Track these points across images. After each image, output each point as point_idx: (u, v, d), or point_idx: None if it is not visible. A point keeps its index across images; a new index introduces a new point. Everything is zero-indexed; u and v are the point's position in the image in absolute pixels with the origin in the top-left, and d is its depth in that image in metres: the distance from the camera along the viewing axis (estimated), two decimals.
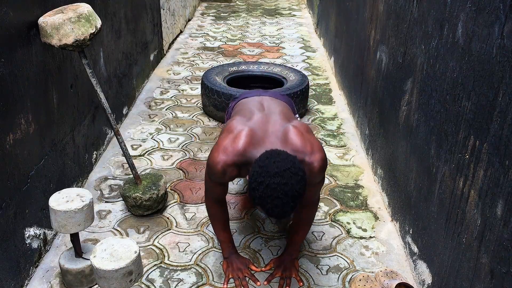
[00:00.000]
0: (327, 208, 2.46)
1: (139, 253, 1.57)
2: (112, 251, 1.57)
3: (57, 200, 1.80)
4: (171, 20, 5.08)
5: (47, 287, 1.92)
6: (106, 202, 2.46)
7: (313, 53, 5.04)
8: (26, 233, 1.92)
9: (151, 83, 4.10)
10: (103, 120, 2.88)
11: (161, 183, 2.37)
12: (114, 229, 2.27)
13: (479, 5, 1.50)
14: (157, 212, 2.38)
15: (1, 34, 1.73)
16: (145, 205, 2.29)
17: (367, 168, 2.86)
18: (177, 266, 2.05)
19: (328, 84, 4.18)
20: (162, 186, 2.35)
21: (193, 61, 4.73)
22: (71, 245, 1.96)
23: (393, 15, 2.49)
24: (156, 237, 2.22)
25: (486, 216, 1.42)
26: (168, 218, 2.36)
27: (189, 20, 6.25)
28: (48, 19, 1.97)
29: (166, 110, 3.58)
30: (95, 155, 2.78)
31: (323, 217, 2.38)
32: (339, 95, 3.94)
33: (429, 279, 1.86)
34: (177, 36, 5.46)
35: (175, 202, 2.49)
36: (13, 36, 1.82)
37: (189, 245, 2.18)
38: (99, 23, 2.10)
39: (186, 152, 2.98)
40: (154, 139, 3.13)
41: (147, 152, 2.97)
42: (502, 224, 1.32)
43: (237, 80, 3.69)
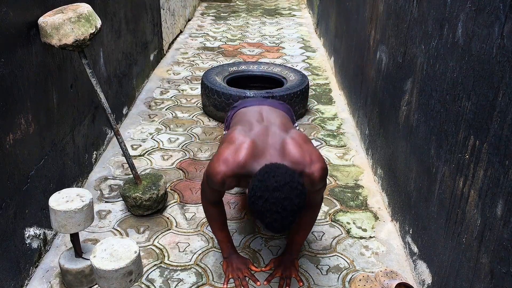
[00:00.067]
0: (327, 208, 2.46)
1: (139, 253, 1.57)
2: (112, 251, 1.57)
3: (57, 200, 1.80)
4: (171, 20, 5.08)
5: (47, 287, 1.92)
6: (106, 202, 2.46)
7: (313, 53, 5.04)
8: (26, 233, 1.92)
9: (151, 83, 4.10)
10: (103, 120, 2.88)
11: (161, 183, 2.37)
12: (114, 229, 2.27)
13: (479, 5, 1.50)
14: (157, 212, 2.38)
15: (1, 34, 1.73)
16: (145, 205, 2.29)
17: (367, 168, 2.86)
18: (177, 266, 2.05)
19: (328, 84, 4.18)
20: (162, 186, 2.35)
21: (193, 61, 4.73)
22: (71, 245, 1.96)
23: (393, 15, 2.49)
24: (156, 237, 2.22)
25: (486, 216, 1.42)
26: (168, 218, 2.36)
27: (189, 20, 6.25)
28: (48, 19, 1.97)
29: (166, 110, 3.58)
30: (95, 155, 2.78)
31: (323, 217, 2.38)
32: (339, 95, 3.94)
33: (429, 279, 1.86)
34: (177, 36, 5.46)
35: (175, 202, 2.49)
36: (13, 36, 1.82)
37: (189, 245, 2.18)
38: (99, 23, 2.10)
39: (186, 152, 2.98)
40: (154, 139, 3.13)
41: (147, 152, 2.97)
42: (502, 224, 1.32)
43: (237, 80, 3.69)
